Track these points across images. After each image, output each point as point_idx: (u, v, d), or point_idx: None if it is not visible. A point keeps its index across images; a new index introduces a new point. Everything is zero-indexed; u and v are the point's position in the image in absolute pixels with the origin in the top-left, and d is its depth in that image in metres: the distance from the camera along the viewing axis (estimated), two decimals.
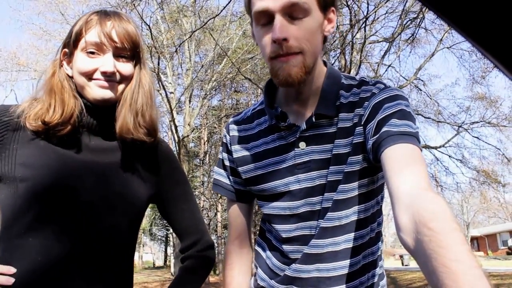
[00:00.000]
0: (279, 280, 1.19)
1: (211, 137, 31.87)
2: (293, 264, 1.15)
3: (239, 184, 1.30)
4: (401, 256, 39.40)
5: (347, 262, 1.11)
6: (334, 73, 1.17)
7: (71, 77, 1.18)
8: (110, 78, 1.13)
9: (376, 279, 1.18)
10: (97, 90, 1.13)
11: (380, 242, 1.20)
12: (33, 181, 1.06)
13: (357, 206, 1.11)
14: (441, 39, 15.28)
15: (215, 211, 29.99)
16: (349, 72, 14.16)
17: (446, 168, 17.87)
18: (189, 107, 21.86)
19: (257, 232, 1.37)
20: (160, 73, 17.57)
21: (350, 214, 1.11)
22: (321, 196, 1.11)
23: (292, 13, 1.01)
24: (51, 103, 1.12)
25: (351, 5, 12.34)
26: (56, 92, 1.13)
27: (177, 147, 19.94)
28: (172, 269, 29.63)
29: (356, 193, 1.10)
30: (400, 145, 0.94)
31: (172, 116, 18.77)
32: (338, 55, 14.53)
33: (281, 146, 1.16)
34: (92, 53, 1.12)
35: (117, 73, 1.14)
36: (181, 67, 23.73)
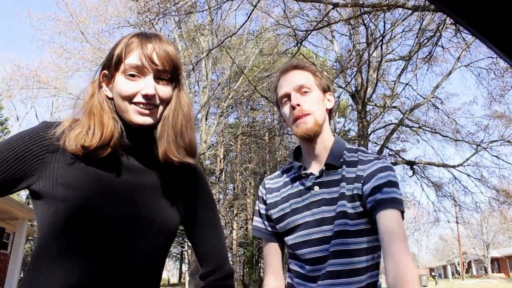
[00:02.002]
0: None
1: (227, 155, 31.92)
2: (319, 281, 1.46)
3: (272, 227, 1.66)
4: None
5: (353, 279, 1.44)
6: (340, 140, 1.62)
7: (111, 99, 1.18)
8: (150, 102, 1.13)
9: None
10: (136, 116, 1.13)
11: (378, 270, 1.51)
12: (73, 203, 1.06)
13: (360, 238, 1.45)
14: (458, 57, 15.19)
15: (231, 228, 29.89)
16: (365, 90, 14.14)
17: (464, 188, 17.59)
18: (206, 124, 21.97)
19: (287, 269, 1.70)
20: None
21: (355, 243, 1.45)
22: (331, 225, 1.46)
23: (301, 90, 1.54)
24: (90, 125, 1.11)
25: (367, 24, 12.38)
26: (95, 114, 1.13)
27: None
28: (186, 286, 29.47)
29: (358, 227, 1.45)
30: (389, 212, 1.36)
31: None
32: (354, 73, 14.54)
33: (301, 190, 1.56)
34: (133, 76, 1.13)
35: (156, 97, 1.14)
36: (198, 85, 23.92)
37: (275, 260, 1.67)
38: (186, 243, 32.76)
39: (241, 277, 35.95)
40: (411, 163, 17.17)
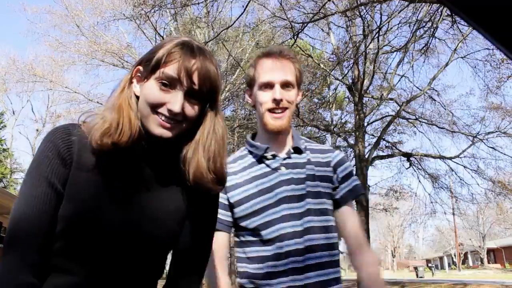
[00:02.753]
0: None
1: None
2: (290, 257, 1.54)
3: (230, 217, 1.65)
4: (415, 268, 38.93)
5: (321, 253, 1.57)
6: (295, 129, 1.76)
7: (138, 97, 1.14)
8: (174, 117, 1.09)
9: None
10: (156, 127, 1.09)
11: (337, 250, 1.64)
12: (76, 205, 1.06)
13: (328, 216, 1.63)
14: (455, 49, 15.18)
15: None
16: (362, 82, 14.14)
17: (461, 179, 17.64)
18: None
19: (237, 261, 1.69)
20: None
21: (325, 220, 1.61)
22: (302, 202, 1.57)
23: (285, 86, 1.61)
24: (120, 121, 1.07)
25: (364, 16, 12.35)
26: (124, 109, 1.09)
27: None
28: None
29: (327, 206, 1.62)
30: (352, 203, 1.70)
31: None
32: (351, 65, 14.53)
33: (267, 171, 1.63)
34: (165, 85, 1.08)
35: (181, 114, 1.09)
36: None
37: (224, 249, 1.65)
38: None
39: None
40: (407, 155, 17.20)
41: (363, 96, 15.11)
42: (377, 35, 12.97)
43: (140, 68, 1.15)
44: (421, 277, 34.81)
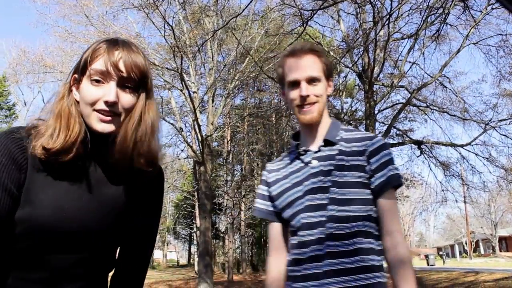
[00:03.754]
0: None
1: (234, 136, 31.96)
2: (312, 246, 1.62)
3: (274, 207, 1.80)
4: (426, 256, 38.86)
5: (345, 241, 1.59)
6: (337, 122, 1.80)
7: (79, 102, 1.20)
8: (112, 109, 1.14)
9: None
10: (97, 123, 1.15)
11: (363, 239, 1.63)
12: (30, 208, 1.11)
13: (354, 206, 1.61)
14: (467, 35, 14.98)
15: (239, 210, 30.07)
16: (372, 70, 14.02)
17: (472, 167, 17.51)
18: (212, 106, 21.96)
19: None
20: (183, 73, 17.66)
21: (350, 210, 1.60)
22: (327, 194, 1.61)
23: (311, 81, 1.68)
24: (56, 128, 1.13)
25: (374, 2, 12.22)
26: (62, 117, 1.15)
27: (201, 146, 20.06)
28: (196, 268, 29.83)
29: (354, 196, 1.61)
30: (391, 192, 1.64)
31: (195, 116, 18.87)
32: (361, 53, 14.42)
33: (301, 166, 1.73)
34: (97, 81, 1.14)
35: (119, 104, 1.15)
36: (204, 67, 23.85)
37: (277, 238, 1.80)
38: (194, 225, 33.05)
39: (250, 258, 36.32)
40: (418, 143, 17.10)
41: (374, 84, 15.00)
42: (387, 22, 12.83)
43: (76, 75, 1.20)
44: (432, 265, 34.75)
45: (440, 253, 47.58)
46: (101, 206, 1.20)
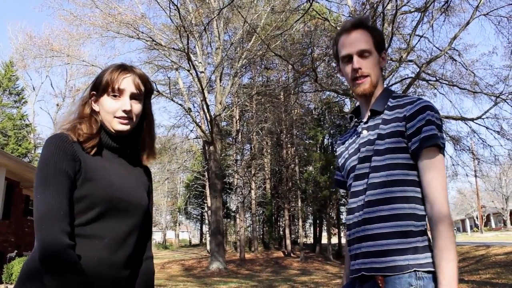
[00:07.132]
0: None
1: (242, 115, 31.94)
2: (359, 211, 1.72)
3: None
4: None
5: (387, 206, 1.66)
6: (388, 90, 1.87)
7: (97, 112, 1.63)
8: (128, 115, 1.59)
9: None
10: (118, 125, 1.60)
11: (413, 204, 1.67)
12: (89, 185, 1.52)
13: (395, 170, 1.67)
14: (477, 6, 14.72)
15: (249, 188, 30.24)
16: None
17: (483, 141, 17.40)
18: (220, 85, 21.92)
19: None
20: (189, 53, 17.60)
21: (389, 175, 1.67)
22: (369, 163, 1.72)
23: (362, 54, 1.77)
24: (81, 122, 1.59)
25: None
26: (85, 117, 1.61)
27: (210, 126, 20.10)
28: (208, 247, 30.19)
29: (393, 161, 1.67)
30: (428, 149, 1.63)
31: (204, 95, 18.87)
32: None
33: (356, 138, 1.85)
34: (115, 96, 1.59)
35: (132, 112, 1.61)
36: (211, 46, 23.75)
37: None
38: (205, 205, 33.30)
39: (261, 236, 36.63)
40: None
41: None
42: None
43: (94, 92, 1.64)
44: None
45: None
46: (137, 183, 1.67)
